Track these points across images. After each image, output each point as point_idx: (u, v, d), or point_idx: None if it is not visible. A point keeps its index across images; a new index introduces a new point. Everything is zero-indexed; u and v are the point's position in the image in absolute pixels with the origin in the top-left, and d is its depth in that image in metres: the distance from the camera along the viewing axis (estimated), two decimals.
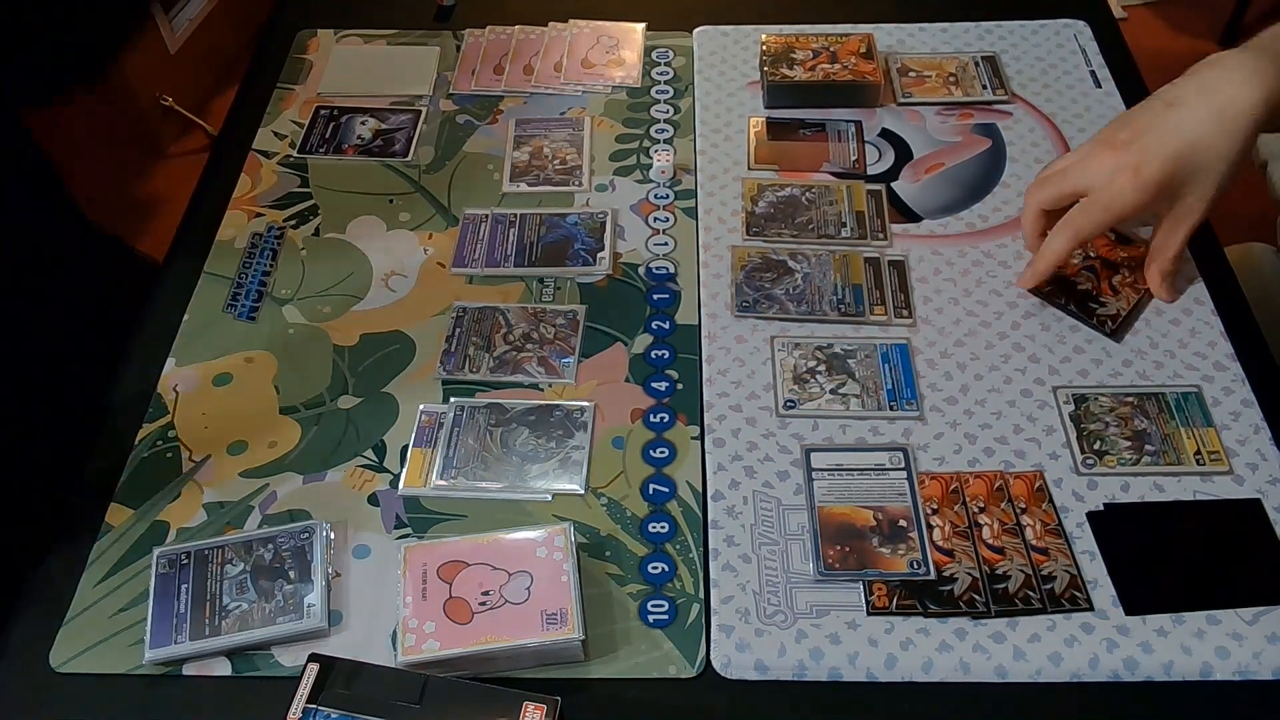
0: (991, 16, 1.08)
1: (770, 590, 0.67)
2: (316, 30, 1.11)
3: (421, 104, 1.02)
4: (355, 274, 0.87)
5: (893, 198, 0.91)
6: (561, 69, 1.04)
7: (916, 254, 0.86)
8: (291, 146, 0.98)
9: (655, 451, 0.75)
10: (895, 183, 0.92)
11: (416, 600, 0.65)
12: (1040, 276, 0.80)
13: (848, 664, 0.64)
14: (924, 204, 0.90)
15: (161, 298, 0.87)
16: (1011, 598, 0.66)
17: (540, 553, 0.66)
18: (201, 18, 2.13)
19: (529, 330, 0.82)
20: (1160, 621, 0.65)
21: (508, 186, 0.94)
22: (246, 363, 0.81)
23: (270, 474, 0.75)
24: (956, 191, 0.91)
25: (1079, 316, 0.80)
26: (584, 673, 0.65)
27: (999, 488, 0.72)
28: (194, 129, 2.10)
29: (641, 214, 0.91)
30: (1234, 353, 0.79)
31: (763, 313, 0.82)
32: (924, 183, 0.92)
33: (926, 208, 0.90)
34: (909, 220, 0.89)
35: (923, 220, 0.89)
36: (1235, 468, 0.72)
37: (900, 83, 1.01)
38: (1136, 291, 0.81)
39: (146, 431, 0.77)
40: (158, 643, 0.65)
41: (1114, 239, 0.84)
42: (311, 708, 0.58)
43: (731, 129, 0.98)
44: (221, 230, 0.91)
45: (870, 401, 0.76)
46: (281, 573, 0.68)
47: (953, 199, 0.91)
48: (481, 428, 0.76)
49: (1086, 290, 0.81)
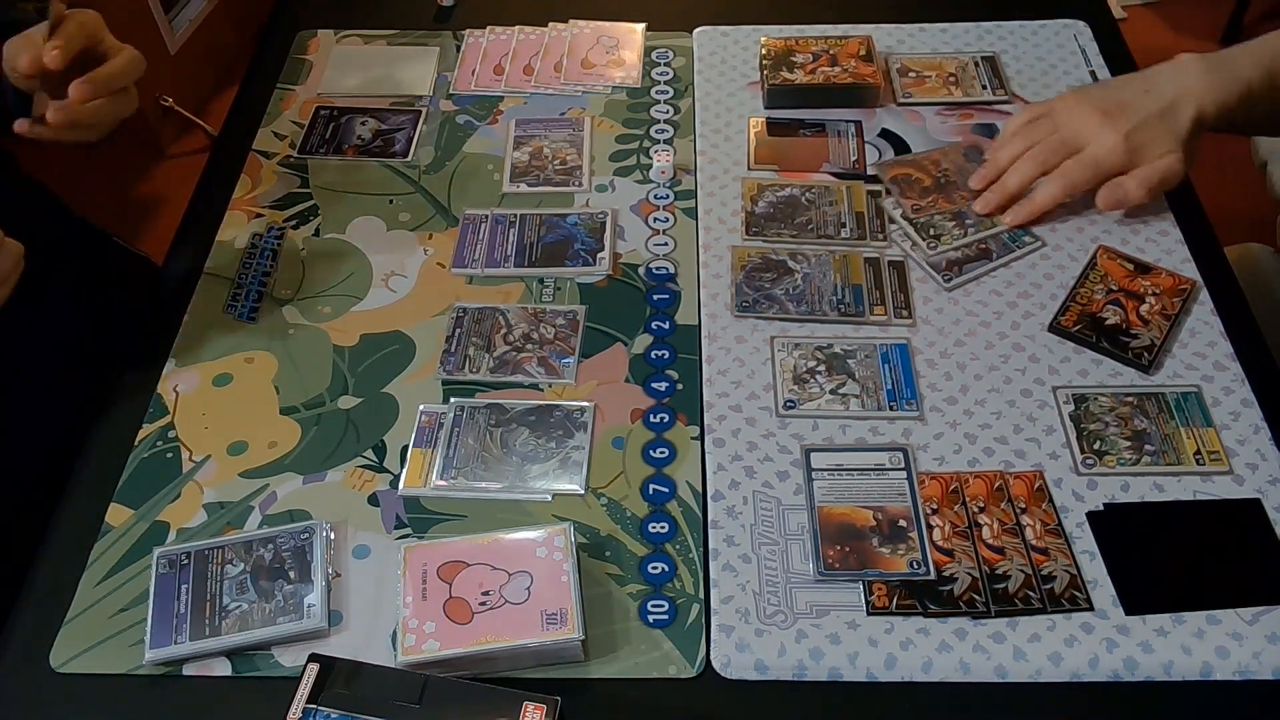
0: (991, 16, 1.08)
1: (770, 590, 0.67)
2: (316, 30, 1.11)
3: (421, 104, 1.02)
4: (355, 274, 0.87)
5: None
6: (561, 69, 1.04)
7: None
8: (291, 147, 0.99)
9: (655, 451, 0.75)
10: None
11: (416, 600, 0.65)
12: (1032, 216, 0.87)
13: (848, 664, 0.64)
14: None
15: (161, 298, 0.87)
16: (1011, 598, 0.66)
17: (540, 553, 0.66)
18: (201, 18, 2.13)
19: (529, 330, 0.82)
20: (1160, 621, 0.65)
21: (508, 187, 0.94)
22: (246, 363, 0.82)
23: (270, 474, 0.75)
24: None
25: (1113, 354, 0.78)
26: (584, 673, 0.65)
27: (999, 488, 0.72)
28: (194, 129, 2.10)
29: (641, 214, 0.91)
30: (1234, 353, 0.79)
31: (763, 313, 0.82)
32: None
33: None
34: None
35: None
36: (1235, 468, 0.72)
37: (900, 83, 1.01)
38: (1167, 319, 0.80)
39: (146, 431, 0.77)
40: (158, 643, 0.65)
41: (1133, 269, 0.84)
42: (311, 708, 0.58)
43: (731, 129, 0.98)
44: (221, 230, 0.91)
45: (870, 401, 0.76)
46: (281, 573, 0.68)
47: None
48: (481, 428, 0.76)
49: (1116, 325, 0.80)
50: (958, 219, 0.87)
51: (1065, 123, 0.86)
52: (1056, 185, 0.85)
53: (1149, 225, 0.88)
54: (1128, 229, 0.87)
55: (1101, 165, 0.84)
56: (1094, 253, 0.85)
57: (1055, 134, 0.86)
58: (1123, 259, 0.84)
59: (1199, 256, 0.85)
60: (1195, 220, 0.89)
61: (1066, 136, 0.86)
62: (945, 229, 0.86)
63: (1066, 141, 0.86)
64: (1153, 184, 0.83)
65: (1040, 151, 0.86)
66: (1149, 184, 0.83)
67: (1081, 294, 0.82)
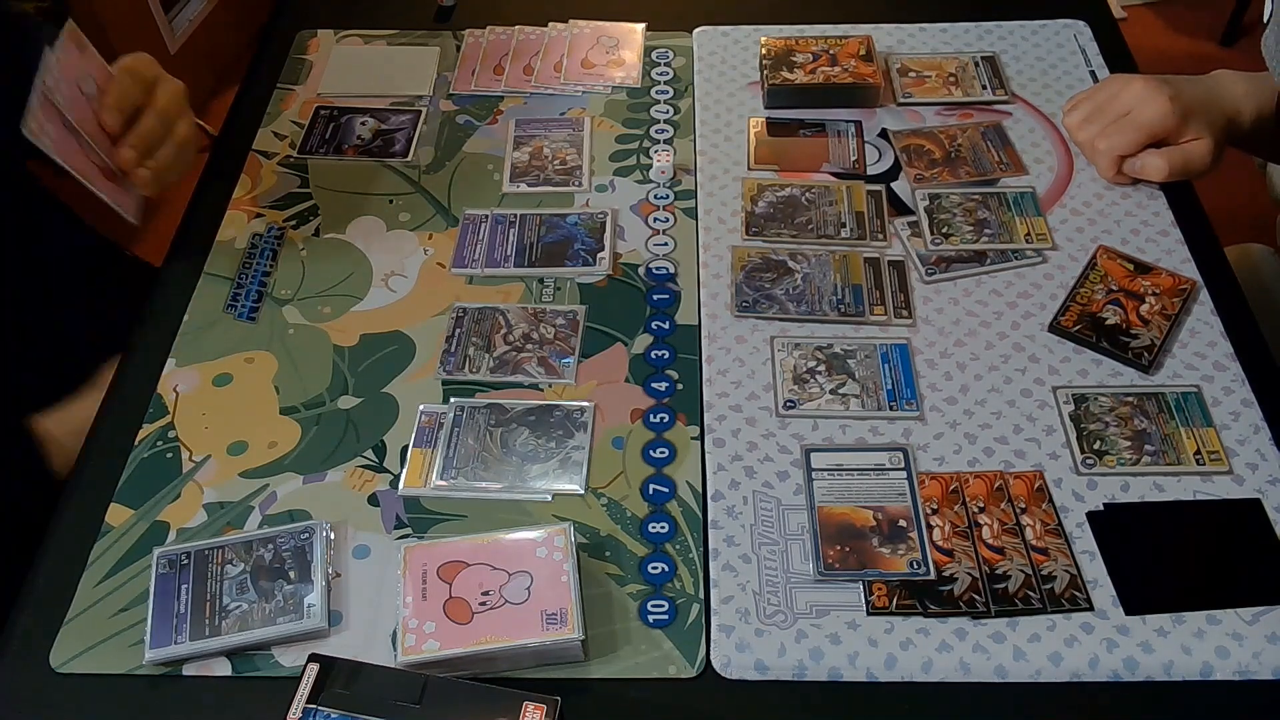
0: (991, 16, 1.08)
1: (770, 590, 0.67)
2: (316, 30, 1.11)
3: (421, 104, 1.02)
4: (355, 274, 0.87)
5: (892, 197, 0.91)
6: (561, 69, 1.04)
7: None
8: (291, 147, 0.99)
9: (655, 451, 0.75)
10: (894, 183, 0.92)
11: (416, 600, 0.65)
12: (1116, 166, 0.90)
13: (848, 664, 0.64)
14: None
15: (161, 298, 0.87)
16: (1011, 598, 0.66)
17: (540, 553, 0.66)
18: (201, 18, 2.13)
19: (529, 330, 0.82)
20: (1160, 621, 0.65)
21: (508, 187, 0.94)
22: (246, 363, 0.81)
23: (270, 474, 0.75)
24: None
25: (1113, 354, 0.78)
26: (584, 673, 0.65)
27: (999, 488, 0.72)
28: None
29: (641, 214, 0.91)
30: (1234, 353, 0.79)
31: (763, 313, 0.82)
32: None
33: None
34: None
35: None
36: (1235, 468, 0.72)
37: (900, 83, 1.01)
38: (1167, 319, 0.80)
39: (146, 431, 0.77)
40: (158, 643, 0.65)
41: (1133, 269, 0.84)
42: (311, 708, 0.58)
43: (731, 129, 0.98)
44: (221, 230, 0.91)
45: (870, 401, 0.76)
46: (281, 573, 0.68)
47: None
48: (481, 428, 0.76)
49: (1116, 325, 0.80)
50: (978, 226, 0.87)
51: (1121, 91, 0.90)
52: (1106, 143, 0.89)
53: (1149, 225, 0.88)
54: (1128, 229, 0.87)
55: (1151, 129, 0.87)
56: (1094, 253, 0.85)
57: (1113, 101, 0.90)
58: (1123, 259, 0.84)
59: (1199, 256, 0.85)
60: (1195, 220, 0.89)
61: (1120, 104, 0.89)
62: (959, 230, 0.86)
63: (1119, 107, 0.89)
64: (1175, 165, 0.86)
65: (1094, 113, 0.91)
66: (1172, 163, 0.86)
67: (1081, 294, 0.82)
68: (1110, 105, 0.90)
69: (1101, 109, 0.90)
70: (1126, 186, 0.91)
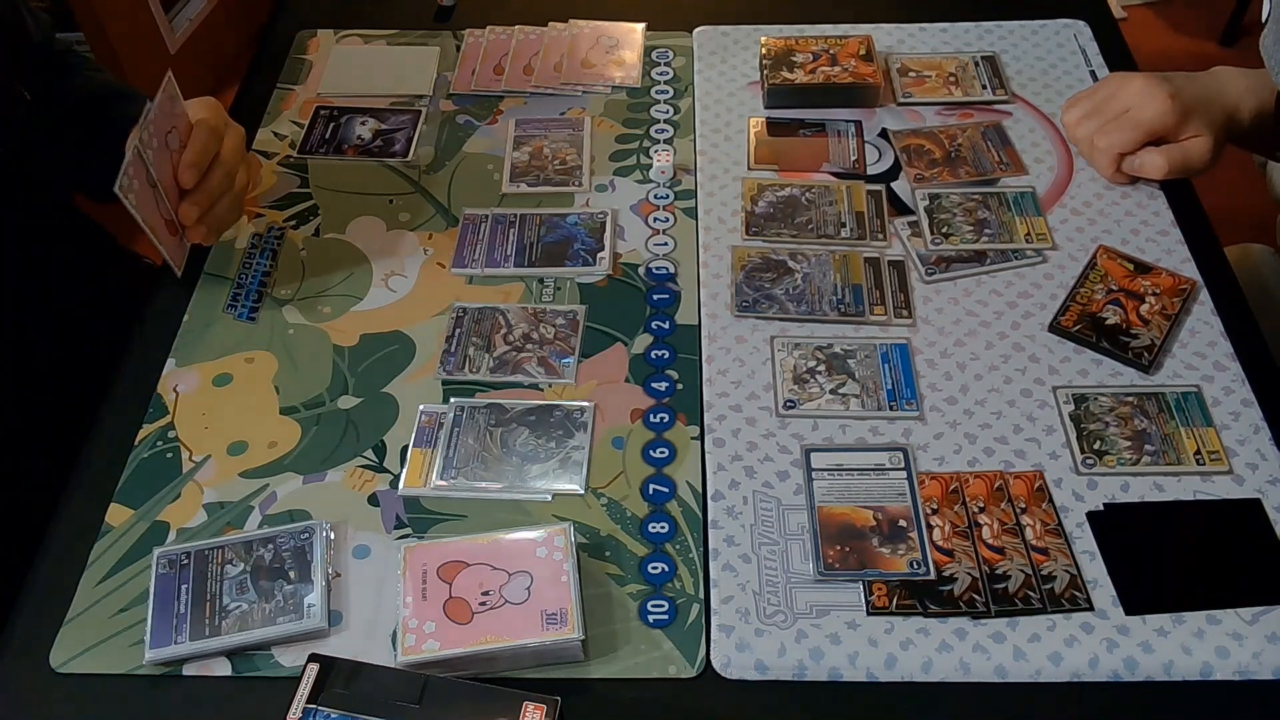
0: (991, 16, 1.08)
1: (770, 590, 0.67)
2: (316, 30, 1.11)
3: (421, 104, 1.02)
4: (355, 274, 0.87)
5: (892, 197, 0.91)
6: (561, 69, 1.04)
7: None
8: (291, 147, 0.99)
9: (655, 451, 0.75)
10: (894, 183, 0.92)
11: (416, 600, 0.65)
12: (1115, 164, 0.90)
13: (848, 664, 0.64)
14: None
15: (161, 298, 0.87)
16: (1011, 598, 0.66)
17: (540, 553, 0.66)
18: (201, 18, 2.12)
19: (529, 330, 0.82)
20: (1160, 621, 0.65)
21: (508, 187, 0.94)
22: (246, 363, 0.81)
23: (270, 474, 0.75)
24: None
25: (1113, 354, 0.78)
26: (584, 673, 0.65)
27: (999, 488, 0.72)
28: None
29: (641, 214, 0.91)
30: (1234, 353, 0.79)
31: (763, 313, 0.82)
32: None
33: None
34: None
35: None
36: (1235, 468, 0.72)
37: (900, 83, 1.01)
38: (1167, 319, 0.80)
39: (146, 431, 0.77)
40: (158, 643, 0.65)
41: (1133, 269, 0.84)
42: (311, 708, 0.58)
43: (731, 129, 0.98)
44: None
45: (870, 401, 0.76)
46: (281, 573, 0.68)
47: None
48: (481, 428, 0.76)
49: (1116, 324, 0.80)
50: (978, 226, 0.87)
51: (1120, 89, 0.90)
52: (1105, 141, 0.89)
53: (1149, 225, 0.88)
54: (1128, 229, 0.87)
55: (1150, 126, 0.87)
56: (1094, 253, 0.85)
57: (1112, 99, 0.90)
58: (1123, 259, 0.84)
59: (1199, 256, 0.85)
60: (1195, 220, 0.89)
61: (1119, 103, 0.90)
62: (959, 230, 0.86)
63: (1118, 106, 0.89)
64: (1175, 162, 0.87)
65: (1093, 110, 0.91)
66: (1172, 161, 0.87)
67: (1081, 294, 0.82)
68: (1109, 103, 0.90)
69: (1100, 107, 0.90)
70: (1126, 186, 0.91)
